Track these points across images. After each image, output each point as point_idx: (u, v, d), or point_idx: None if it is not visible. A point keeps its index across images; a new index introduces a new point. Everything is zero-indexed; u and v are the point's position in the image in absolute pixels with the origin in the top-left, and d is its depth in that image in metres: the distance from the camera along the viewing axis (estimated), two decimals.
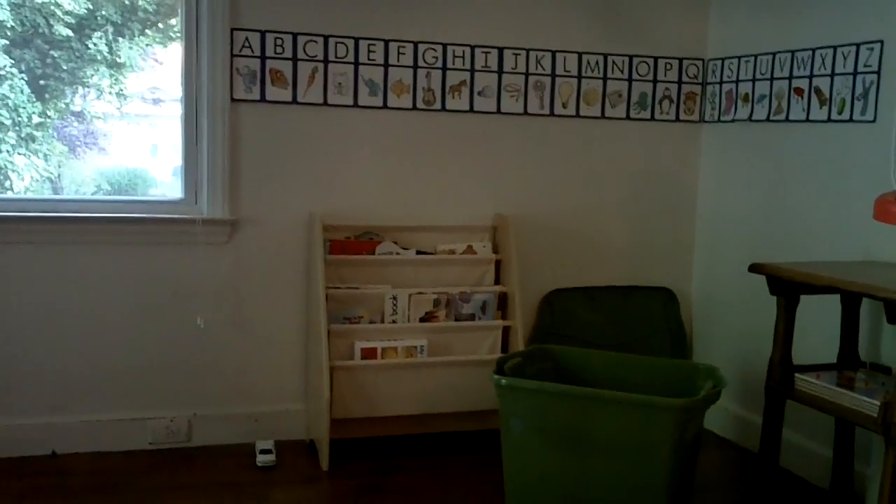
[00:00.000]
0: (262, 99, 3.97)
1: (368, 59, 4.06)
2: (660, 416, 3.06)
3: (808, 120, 3.88)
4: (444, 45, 4.15)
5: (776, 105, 4.04)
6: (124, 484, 3.62)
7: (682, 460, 3.15)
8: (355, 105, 4.07)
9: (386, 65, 4.09)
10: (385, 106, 4.11)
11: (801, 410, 3.46)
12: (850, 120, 3.66)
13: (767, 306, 3.50)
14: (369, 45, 4.06)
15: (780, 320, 3.39)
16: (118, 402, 3.95)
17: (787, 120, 3.99)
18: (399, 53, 4.10)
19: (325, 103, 4.04)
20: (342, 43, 4.03)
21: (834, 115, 3.75)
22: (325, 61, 4.01)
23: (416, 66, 4.12)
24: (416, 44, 4.11)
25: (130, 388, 3.96)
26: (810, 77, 3.85)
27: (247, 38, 3.92)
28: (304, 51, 3.98)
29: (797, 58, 3.92)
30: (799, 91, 3.91)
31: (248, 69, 3.93)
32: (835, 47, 3.73)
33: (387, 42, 4.08)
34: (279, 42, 3.95)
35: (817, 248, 3.82)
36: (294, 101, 4.00)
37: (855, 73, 3.64)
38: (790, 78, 3.96)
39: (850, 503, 3.57)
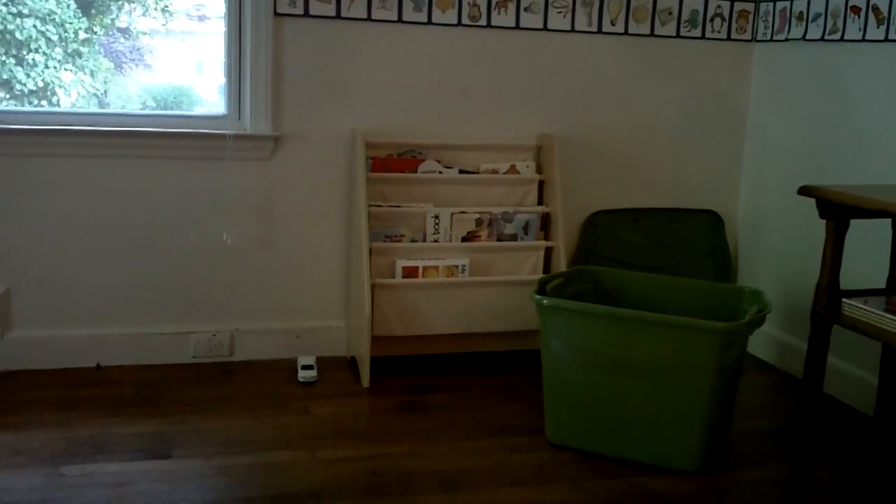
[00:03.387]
0: (306, 13, 3.92)
1: None
2: (702, 340, 3.05)
3: (864, 39, 3.77)
4: None
5: (831, 24, 3.93)
6: (167, 396, 3.68)
7: (724, 384, 3.14)
8: (399, 20, 4.01)
9: None
10: (430, 21, 4.05)
11: (846, 336, 3.42)
12: None
13: (815, 230, 3.44)
14: None
15: (829, 244, 3.32)
16: (161, 315, 4.01)
17: (842, 39, 3.88)
18: None
19: (369, 18, 3.98)
20: None
21: (892, 35, 3.63)
22: None
23: None
24: None
25: (174, 302, 4.01)
26: None
27: None
28: None
29: None
30: (855, 9, 3.79)
31: None
32: None
33: None
34: None
35: (870, 172, 3.73)
36: (338, 15, 3.95)
37: None
38: None
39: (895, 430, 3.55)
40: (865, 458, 3.39)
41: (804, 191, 3.34)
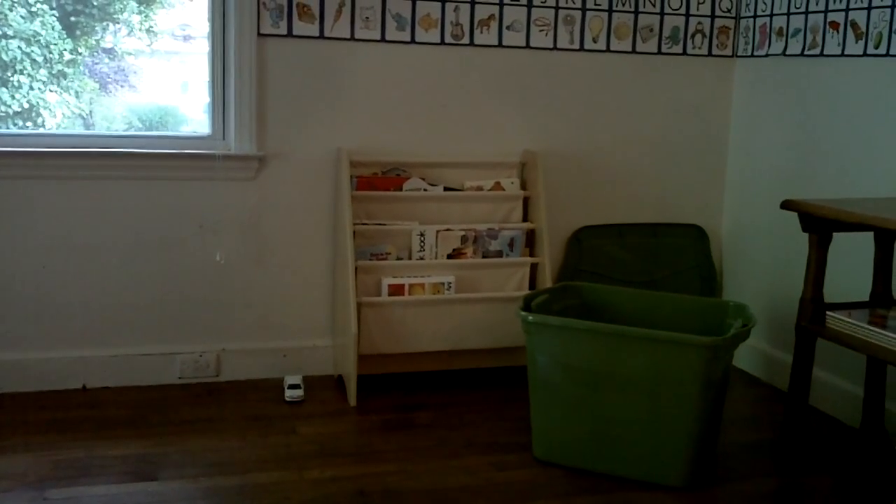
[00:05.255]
0: (289, 34, 3.93)
1: None
2: (688, 354, 3.06)
3: (843, 55, 3.80)
4: None
5: (811, 39, 3.96)
6: (153, 417, 3.67)
7: (710, 398, 3.15)
8: (383, 40, 4.03)
9: None
10: (413, 41, 4.06)
11: (831, 349, 3.43)
12: (887, 54, 3.58)
13: (799, 244, 3.45)
14: None
15: (812, 258, 3.34)
16: (147, 336, 4.00)
17: (821, 54, 3.91)
18: None
19: (353, 38, 4.00)
20: None
21: (870, 50, 3.66)
22: None
23: (444, 0, 4.06)
24: None
25: (159, 322, 4.00)
26: (846, 10, 3.76)
27: None
28: None
29: None
30: (834, 25, 3.83)
31: (275, 3, 3.89)
32: None
33: None
34: None
35: (851, 185, 3.76)
36: (321, 35, 3.97)
37: (893, 6, 3.55)
38: (826, 11, 3.87)
39: (881, 442, 3.55)
40: (852, 470, 3.40)
41: (787, 205, 3.35)
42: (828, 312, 3.29)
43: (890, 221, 2.96)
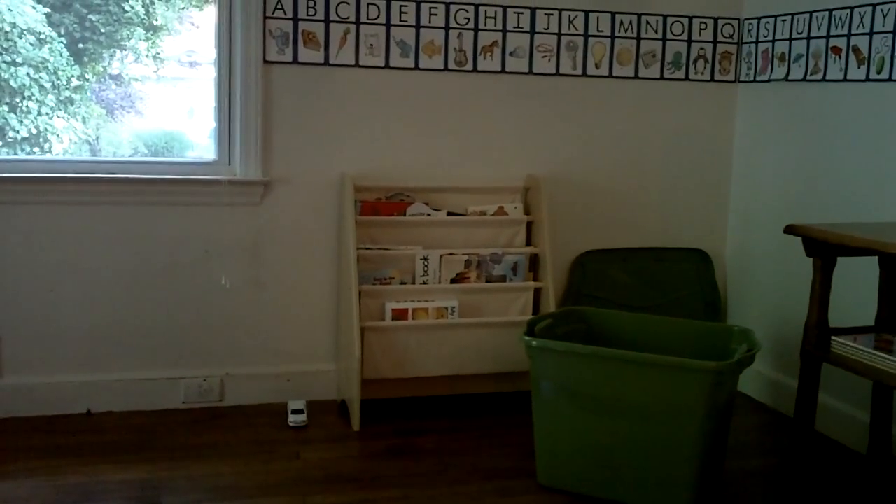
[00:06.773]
0: (295, 61, 3.97)
1: (400, 20, 4.04)
2: (692, 379, 3.05)
3: (845, 79, 3.81)
4: (476, 6, 4.12)
5: (813, 64, 3.97)
6: (157, 442, 3.66)
7: (716, 424, 3.14)
8: (387, 66, 4.06)
9: (418, 26, 4.07)
10: (416, 67, 4.09)
11: (837, 374, 3.42)
12: (889, 79, 3.59)
13: (803, 269, 3.45)
14: (401, 6, 4.03)
15: (817, 282, 3.34)
16: (151, 361, 4.00)
17: (823, 80, 3.93)
18: (431, 14, 4.07)
19: (357, 64, 4.03)
20: (374, 4, 4.00)
21: (872, 75, 3.68)
22: (357, 22, 4.00)
23: (447, 27, 4.10)
24: (447, 4, 4.08)
25: (163, 347, 4.01)
26: (848, 36, 3.78)
27: (279, 0, 3.91)
28: (336, 12, 3.97)
29: (835, 16, 3.85)
30: (836, 50, 3.84)
31: (281, 31, 3.93)
32: (874, 5, 3.65)
33: (419, 2, 4.05)
34: (311, 4, 3.94)
35: (854, 209, 3.76)
36: (326, 62, 3.99)
37: (895, 32, 3.56)
38: (827, 37, 3.89)
39: (888, 467, 3.54)
40: (858, 496, 3.38)
41: (790, 229, 3.36)
42: (833, 337, 3.28)
43: (893, 246, 2.96)
